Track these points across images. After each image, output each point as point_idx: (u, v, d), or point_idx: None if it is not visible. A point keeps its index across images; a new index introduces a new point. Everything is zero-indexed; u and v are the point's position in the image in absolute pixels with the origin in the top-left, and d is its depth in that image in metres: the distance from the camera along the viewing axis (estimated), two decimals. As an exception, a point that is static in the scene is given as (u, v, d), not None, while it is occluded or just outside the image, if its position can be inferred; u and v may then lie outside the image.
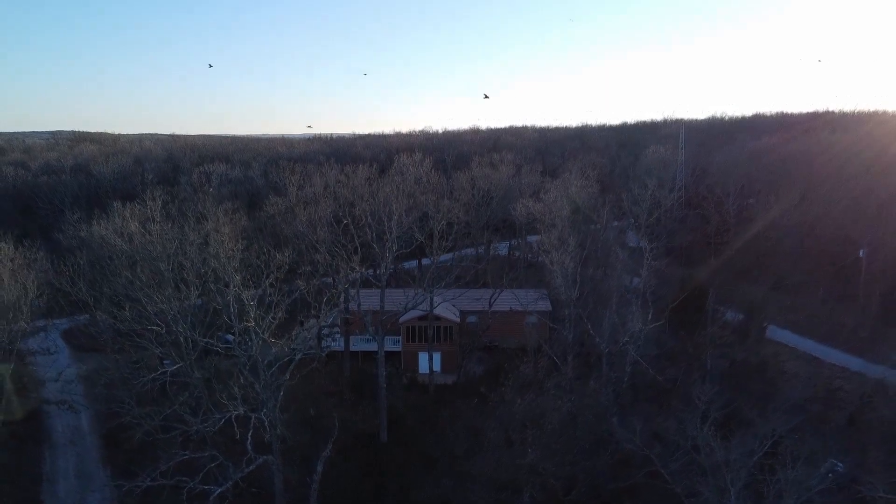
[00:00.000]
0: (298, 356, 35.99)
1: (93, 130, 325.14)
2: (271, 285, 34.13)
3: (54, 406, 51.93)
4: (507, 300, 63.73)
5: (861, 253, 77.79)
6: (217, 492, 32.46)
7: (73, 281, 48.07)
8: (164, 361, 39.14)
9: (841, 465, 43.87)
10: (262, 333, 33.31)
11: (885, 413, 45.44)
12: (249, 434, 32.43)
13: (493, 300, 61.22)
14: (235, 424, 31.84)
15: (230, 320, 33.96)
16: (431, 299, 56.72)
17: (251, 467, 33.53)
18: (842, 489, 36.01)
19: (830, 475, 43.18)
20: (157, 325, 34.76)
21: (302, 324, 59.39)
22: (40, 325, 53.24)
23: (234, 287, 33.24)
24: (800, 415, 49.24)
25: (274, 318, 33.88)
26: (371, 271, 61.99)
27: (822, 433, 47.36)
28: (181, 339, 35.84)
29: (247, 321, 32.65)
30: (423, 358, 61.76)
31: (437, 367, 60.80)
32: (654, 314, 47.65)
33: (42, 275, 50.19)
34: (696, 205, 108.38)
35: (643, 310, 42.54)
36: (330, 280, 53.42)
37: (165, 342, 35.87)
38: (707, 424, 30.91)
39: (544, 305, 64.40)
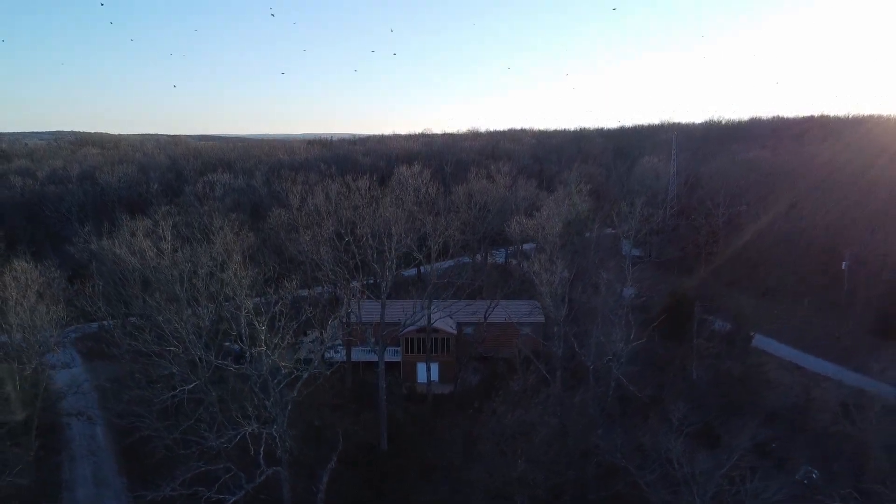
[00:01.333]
0: (305, 375, 38.70)
1: (93, 131, 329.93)
2: (280, 311, 36.75)
3: (73, 418, 54.48)
4: (502, 312, 66.13)
5: (844, 265, 79.73)
6: (231, 501, 35.15)
7: (92, 301, 50.70)
8: (174, 372, 41.61)
9: (816, 472, 46.28)
10: (272, 355, 35.98)
11: (858, 422, 47.39)
12: (262, 448, 35.16)
13: (488, 313, 63.66)
14: (249, 440, 34.57)
15: (242, 342, 36.70)
16: (429, 315, 59.22)
17: (262, 478, 36.26)
18: (803, 498, 38.35)
19: (806, 482, 45.78)
20: (175, 346, 37.39)
21: (305, 333, 61.90)
22: (62, 338, 55.77)
23: (246, 311, 35.95)
24: (778, 424, 51.67)
25: (282, 340, 36.56)
26: (371, 279, 64.30)
27: (798, 442, 49.88)
28: (196, 358, 38.48)
29: (258, 345, 35.35)
30: (421, 368, 64.32)
31: (435, 377, 63.30)
32: (640, 327, 49.89)
33: (61, 293, 52.78)
34: (687, 215, 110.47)
35: (626, 329, 44.96)
36: (332, 290, 55.82)
37: (182, 361, 38.50)
38: (680, 438, 33.35)
39: (537, 318, 66.62)
